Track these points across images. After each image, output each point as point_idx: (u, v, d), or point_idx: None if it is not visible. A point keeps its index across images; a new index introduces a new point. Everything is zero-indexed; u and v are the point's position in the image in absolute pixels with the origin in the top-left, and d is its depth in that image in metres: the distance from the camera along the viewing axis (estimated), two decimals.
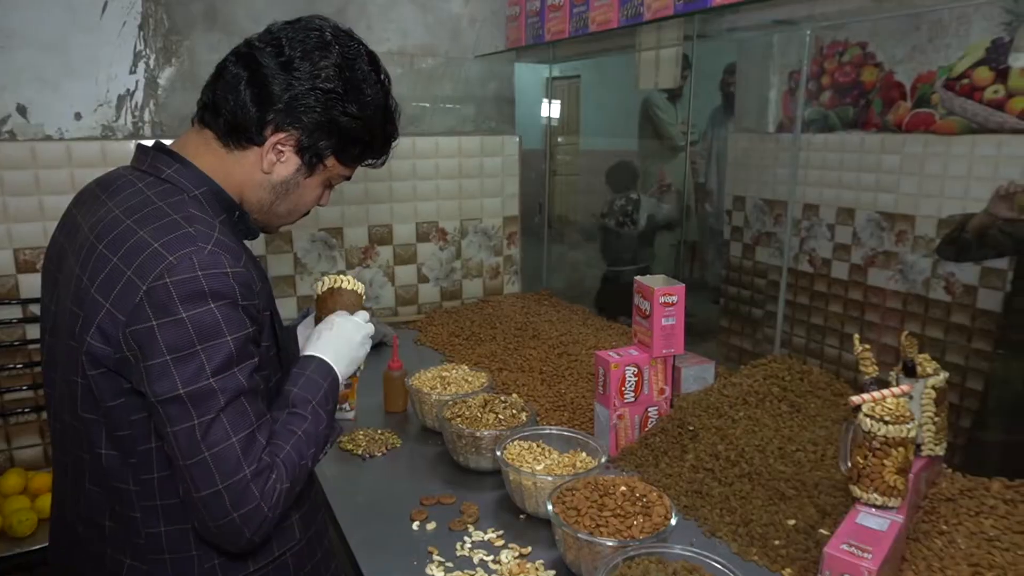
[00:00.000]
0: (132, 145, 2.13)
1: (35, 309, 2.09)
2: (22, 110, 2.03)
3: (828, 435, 1.47)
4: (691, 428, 1.52)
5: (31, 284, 2.07)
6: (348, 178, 1.12)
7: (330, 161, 1.04)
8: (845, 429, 1.20)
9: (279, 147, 0.99)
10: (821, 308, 2.98)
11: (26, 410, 2.08)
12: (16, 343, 2.06)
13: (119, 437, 0.92)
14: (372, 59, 1.04)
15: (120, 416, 0.91)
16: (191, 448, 0.85)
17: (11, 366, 2.06)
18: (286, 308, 2.42)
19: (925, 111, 2.53)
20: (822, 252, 2.96)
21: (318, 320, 1.24)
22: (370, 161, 1.11)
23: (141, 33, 2.13)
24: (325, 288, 1.26)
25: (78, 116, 2.10)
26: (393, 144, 1.12)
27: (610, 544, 1.07)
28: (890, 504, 1.12)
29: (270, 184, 1.02)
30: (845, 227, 2.86)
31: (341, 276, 1.26)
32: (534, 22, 2.26)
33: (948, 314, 2.52)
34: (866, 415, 1.14)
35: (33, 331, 2.09)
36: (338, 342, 1.11)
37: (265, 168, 1.00)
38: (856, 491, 1.15)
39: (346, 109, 0.99)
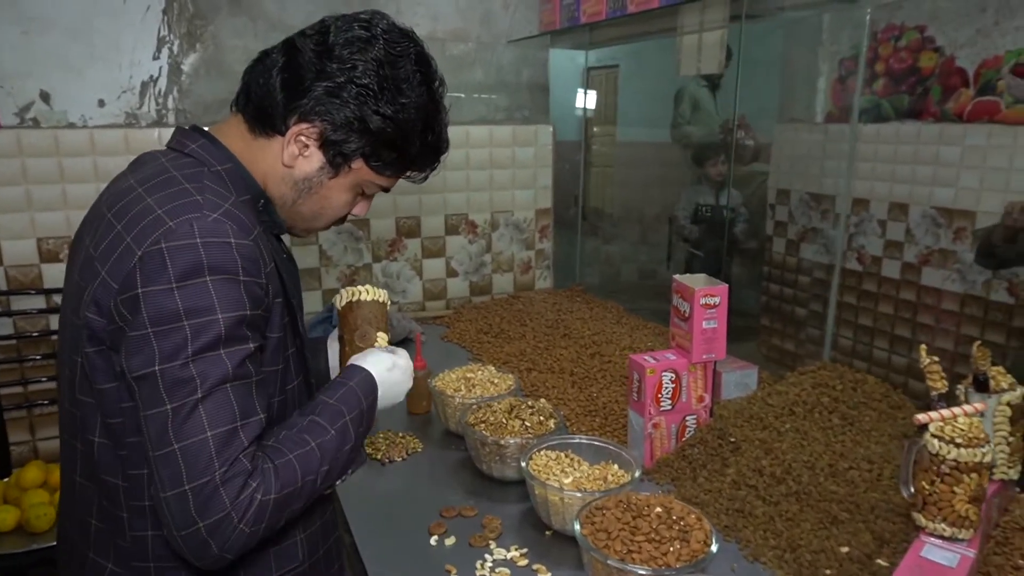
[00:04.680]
0: (156, 133, 2.10)
1: (59, 299, 2.06)
2: (45, 97, 1.99)
3: (885, 452, 1.34)
4: (732, 440, 1.41)
5: (54, 274, 2.05)
6: (386, 189, 1.03)
7: (357, 164, 0.95)
8: (907, 449, 1.08)
9: (302, 139, 0.92)
10: (870, 309, 2.82)
11: (47, 402, 2.06)
12: (38, 334, 2.03)
13: (110, 425, 0.85)
14: (422, 60, 0.95)
15: (112, 402, 0.84)
16: (160, 438, 0.77)
17: (35, 356, 2.04)
18: (311, 302, 2.36)
19: (990, 99, 2.35)
20: (872, 249, 2.80)
21: (341, 338, 1.14)
22: (409, 174, 1.02)
23: (165, 18, 2.07)
24: (344, 302, 1.13)
25: (101, 103, 2.05)
26: (441, 158, 1.03)
27: (643, 573, 0.97)
28: (960, 536, 1.00)
29: (292, 179, 0.95)
30: (897, 223, 2.70)
31: (360, 288, 1.12)
32: (569, 3, 2.15)
33: (1010, 317, 2.35)
34: (934, 435, 1.02)
35: (57, 321, 2.07)
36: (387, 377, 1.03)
37: (286, 161, 0.93)
38: (921, 520, 1.03)
39: (379, 108, 0.91)
